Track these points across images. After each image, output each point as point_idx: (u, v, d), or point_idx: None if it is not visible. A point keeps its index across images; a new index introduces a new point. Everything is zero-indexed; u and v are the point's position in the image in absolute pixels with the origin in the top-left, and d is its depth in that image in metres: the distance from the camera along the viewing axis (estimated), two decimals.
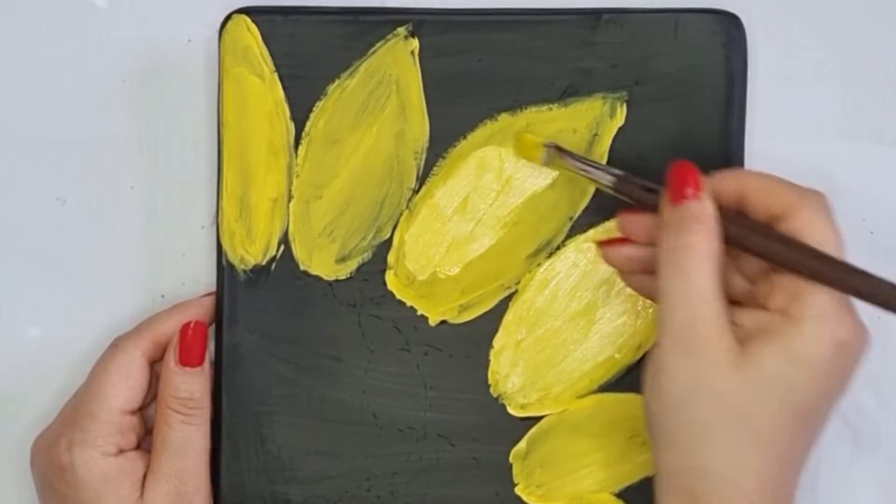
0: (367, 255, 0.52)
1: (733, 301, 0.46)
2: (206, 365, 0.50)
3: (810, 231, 0.44)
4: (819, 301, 0.43)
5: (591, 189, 0.51)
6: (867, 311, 0.53)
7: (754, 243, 0.45)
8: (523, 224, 0.51)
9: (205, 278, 0.53)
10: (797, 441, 0.44)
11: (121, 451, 0.49)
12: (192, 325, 0.50)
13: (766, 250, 0.44)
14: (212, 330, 0.51)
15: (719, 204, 0.45)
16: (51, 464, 0.49)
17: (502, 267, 0.52)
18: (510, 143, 0.51)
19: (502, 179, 0.51)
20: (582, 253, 0.51)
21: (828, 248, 0.44)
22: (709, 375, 0.43)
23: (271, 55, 0.51)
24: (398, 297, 0.52)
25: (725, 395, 0.43)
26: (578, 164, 0.49)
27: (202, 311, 0.51)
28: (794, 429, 0.44)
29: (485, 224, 0.52)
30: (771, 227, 0.45)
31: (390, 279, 0.52)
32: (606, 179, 0.48)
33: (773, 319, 0.44)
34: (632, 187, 0.47)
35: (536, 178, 0.51)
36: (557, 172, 0.51)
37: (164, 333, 0.50)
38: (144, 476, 0.49)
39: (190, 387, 0.49)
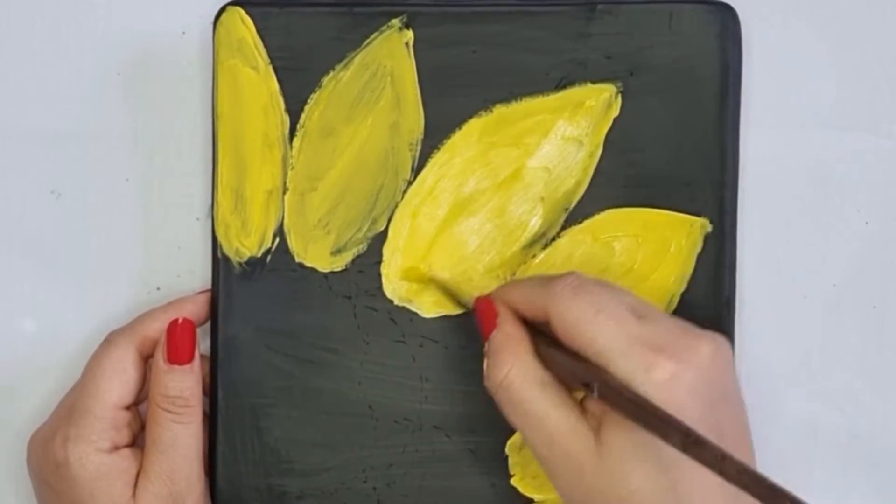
0: (362, 247, 0.52)
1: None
2: (196, 363, 0.49)
3: (564, 325, 0.45)
4: (616, 370, 0.43)
5: (587, 180, 0.51)
6: (862, 304, 0.53)
7: (547, 353, 0.46)
8: (518, 216, 0.51)
9: (200, 271, 0.53)
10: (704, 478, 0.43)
11: (115, 448, 0.49)
12: (179, 323, 0.49)
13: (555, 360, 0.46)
14: (207, 323, 0.51)
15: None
16: (46, 460, 0.49)
17: (497, 258, 0.52)
18: (504, 134, 0.51)
19: (498, 172, 0.51)
20: (577, 244, 0.51)
21: (580, 328, 0.44)
22: (585, 478, 0.44)
23: (266, 47, 0.51)
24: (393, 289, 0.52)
25: (608, 486, 0.44)
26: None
27: (197, 307, 0.51)
28: (695, 469, 0.42)
29: (480, 216, 0.51)
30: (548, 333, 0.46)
31: (385, 271, 0.52)
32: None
33: None
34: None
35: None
36: (549, 163, 0.51)
37: (158, 329, 0.50)
38: (138, 475, 0.49)
39: (179, 385, 0.49)
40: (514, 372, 0.46)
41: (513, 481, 0.52)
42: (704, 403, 0.43)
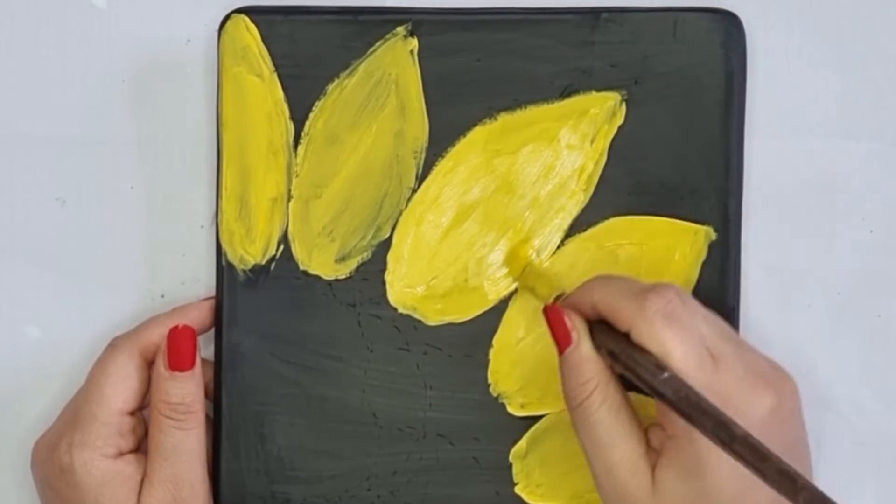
0: (366, 255, 0.52)
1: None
2: (197, 369, 0.49)
3: (649, 346, 0.44)
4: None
5: (591, 189, 0.51)
6: (867, 313, 0.53)
7: (622, 366, 0.45)
8: (522, 224, 0.51)
9: (204, 278, 0.53)
10: None
11: (120, 454, 0.49)
12: (179, 329, 0.49)
13: (628, 371, 0.45)
14: (211, 331, 0.51)
15: (590, 318, 0.47)
16: (52, 465, 0.49)
17: (502, 266, 0.52)
18: (508, 143, 0.51)
19: (502, 181, 0.51)
20: (582, 252, 0.51)
21: (668, 360, 0.44)
22: None
23: (270, 55, 0.51)
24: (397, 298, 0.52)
25: None
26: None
27: (202, 314, 0.51)
28: None
29: (484, 224, 0.52)
30: (627, 342, 0.45)
31: (389, 279, 0.52)
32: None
33: (664, 438, 0.45)
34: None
35: (536, 185, 0.51)
36: (553, 172, 0.51)
37: (162, 335, 0.50)
38: (142, 480, 0.49)
39: (181, 391, 0.49)
40: (596, 396, 0.46)
41: (516, 489, 0.52)
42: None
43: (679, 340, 0.44)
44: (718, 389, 0.44)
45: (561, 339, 0.47)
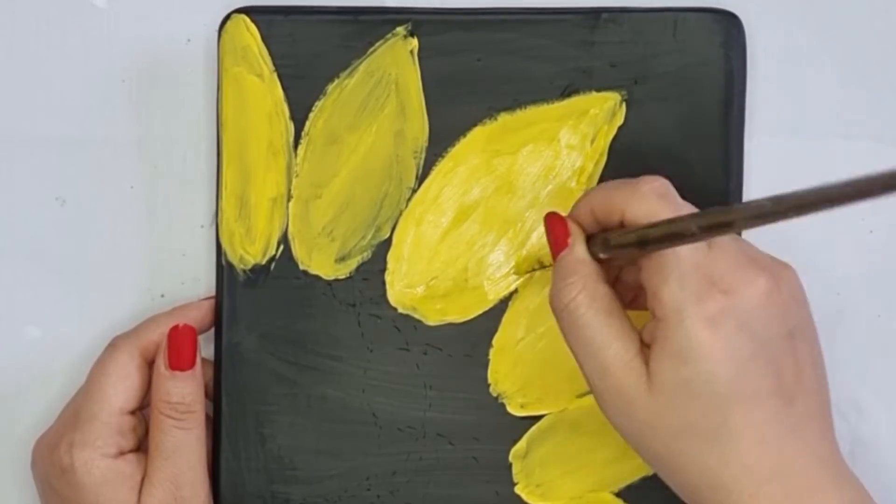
0: (366, 255, 0.52)
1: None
2: (198, 368, 0.49)
3: (641, 218, 0.44)
4: (668, 293, 0.43)
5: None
6: (867, 313, 0.53)
7: (617, 252, 0.45)
8: (522, 224, 0.51)
9: (204, 278, 0.53)
10: (766, 409, 0.43)
11: (121, 453, 0.49)
12: (180, 328, 0.49)
13: (623, 252, 0.45)
14: (211, 330, 0.51)
15: (588, 230, 0.47)
16: (52, 465, 0.49)
17: (502, 266, 0.52)
18: (508, 143, 0.51)
19: (502, 181, 0.51)
20: None
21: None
22: (636, 413, 0.44)
23: (270, 55, 0.51)
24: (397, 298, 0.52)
25: (658, 421, 0.44)
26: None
27: (201, 314, 0.51)
28: (748, 406, 0.43)
29: (484, 224, 0.52)
30: (621, 229, 0.45)
31: (389, 279, 0.52)
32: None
33: (654, 327, 0.44)
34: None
35: (536, 185, 0.51)
36: (553, 172, 0.51)
37: (162, 334, 0.50)
38: (143, 480, 0.49)
39: (181, 391, 0.49)
40: (582, 297, 0.45)
41: (516, 489, 0.52)
42: (756, 340, 0.43)
43: (672, 212, 0.44)
44: (710, 270, 0.43)
45: (557, 242, 0.47)
